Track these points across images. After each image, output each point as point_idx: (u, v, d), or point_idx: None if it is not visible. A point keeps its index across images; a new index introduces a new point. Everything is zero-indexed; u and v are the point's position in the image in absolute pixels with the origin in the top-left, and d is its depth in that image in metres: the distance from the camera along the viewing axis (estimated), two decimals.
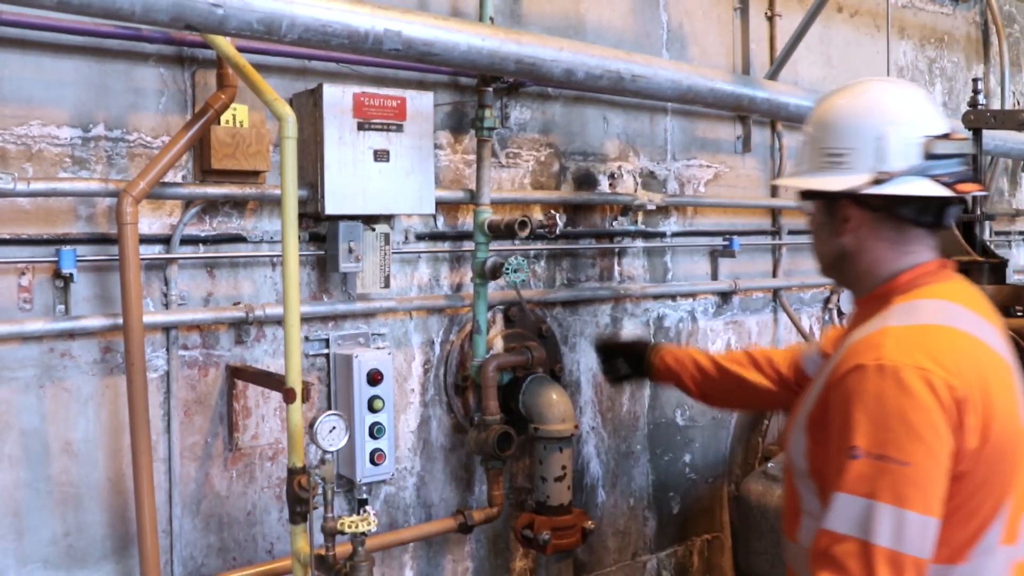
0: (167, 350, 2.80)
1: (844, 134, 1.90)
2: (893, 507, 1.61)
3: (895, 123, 1.87)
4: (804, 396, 1.94)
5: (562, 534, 3.30)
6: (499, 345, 3.44)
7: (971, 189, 1.89)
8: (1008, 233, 6.21)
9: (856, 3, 5.14)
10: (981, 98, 3.25)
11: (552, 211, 3.31)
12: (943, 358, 1.69)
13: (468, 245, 3.42)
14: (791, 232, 4.69)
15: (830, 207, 1.93)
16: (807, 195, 1.99)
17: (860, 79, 2.04)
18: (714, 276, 4.37)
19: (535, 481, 3.38)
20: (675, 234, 4.19)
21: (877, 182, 1.83)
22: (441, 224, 3.41)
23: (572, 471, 3.39)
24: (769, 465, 3.99)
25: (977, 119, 3.18)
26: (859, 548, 1.61)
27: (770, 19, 4.63)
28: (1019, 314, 2.98)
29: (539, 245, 3.64)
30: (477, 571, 3.55)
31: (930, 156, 1.84)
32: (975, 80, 3.28)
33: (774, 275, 4.67)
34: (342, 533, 2.40)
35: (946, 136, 1.87)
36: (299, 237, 2.82)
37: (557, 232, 3.16)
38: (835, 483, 1.67)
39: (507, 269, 3.23)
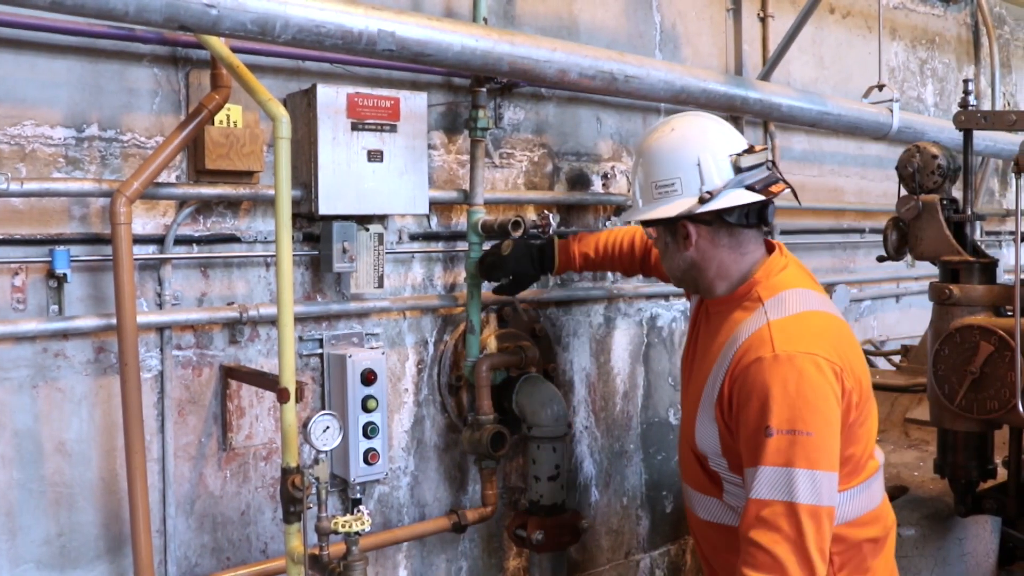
0: (161, 350, 2.80)
1: (669, 167, 2.27)
2: (807, 470, 1.96)
3: (706, 148, 2.25)
4: (696, 387, 2.27)
5: (555, 533, 3.30)
6: (493, 345, 3.45)
7: (779, 189, 2.26)
8: (998, 233, 6.23)
9: (848, 4, 5.16)
10: (971, 99, 3.25)
11: (545, 211, 3.32)
12: (820, 340, 2.10)
13: (462, 245, 3.42)
14: (784, 232, 4.70)
15: (672, 229, 2.31)
16: (648, 223, 2.37)
17: (666, 119, 2.41)
18: None
19: (528, 480, 3.39)
20: None
21: (703, 201, 2.20)
22: (435, 224, 3.41)
23: (566, 470, 3.40)
24: None
25: (967, 120, 3.19)
26: (785, 508, 1.95)
27: (763, 20, 4.64)
28: (1009, 313, 2.99)
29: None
30: (471, 570, 3.55)
31: (739, 169, 2.22)
32: (966, 81, 3.29)
33: None
34: (336, 533, 2.40)
35: (749, 150, 2.26)
36: (293, 237, 2.83)
37: (551, 232, 3.17)
38: (755, 459, 2.00)
39: None
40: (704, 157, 2.23)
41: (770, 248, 2.35)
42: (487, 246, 3.32)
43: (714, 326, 2.31)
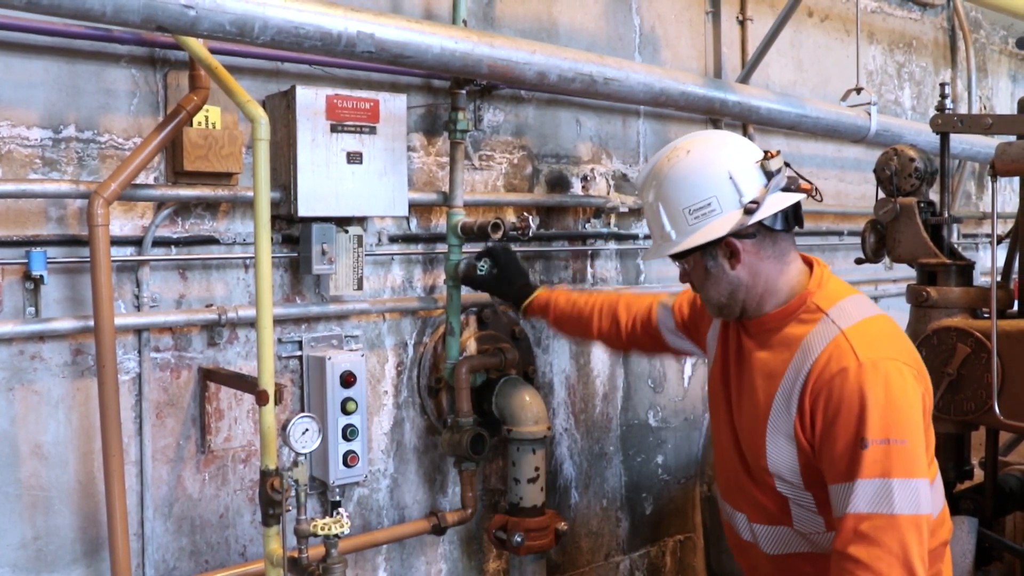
0: (139, 352, 2.78)
1: (699, 188, 2.12)
2: (904, 479, 1.90)
3: (732, 159, 2.13)
4: (756, 408, 2.16)
5: (535, 535, 3.31)
6: (472, 347, 3.45)
7: (808, 187, 2.18)
8: (975, 236, 6.28)
9: (827, 8, 5.19)
10: (948, 102, 3.28)
11: (525, 213, 3.32)
12: (894, 345, 2.08)
13: (441, 247, 3.42)
14: None
15: (712, 253, 2.16)
16: (679, 256, 2.21)
17: (667, 147, 2.26)
18: None
19: (508, 483, 3.39)
20: (648, 236, 4.21)
21: (749, 211, 2.08)
22: (414, 226, 3.41)
23: (545, 472, 3.40)
24: None
25: (944, 123, 3.22)
26: (887, 521, 1.88)
27: (741, 23, 4.66)
28: (985, 315, 3.02)
29: (512, 247, 3.64)
30: (451, 573, 3.55)
31: (770, 173, 2.11)
32: (942, 84, 3.32)
33: None
34: (315, 535, 2.40)
35: (766, 155, 2.14)
36: (272, 239, 2.82)
37: (530, 234, 3.17)
38: (851, 473, 1.93)
39: (480, 271, 3.23)
40: (735, 169, 2.11)
41: (805, 260, 2.27)
42: (467, 248, 3.32)
43: (767, 343, 2.19)
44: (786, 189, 2.12)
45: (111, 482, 2.57)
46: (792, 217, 2.16)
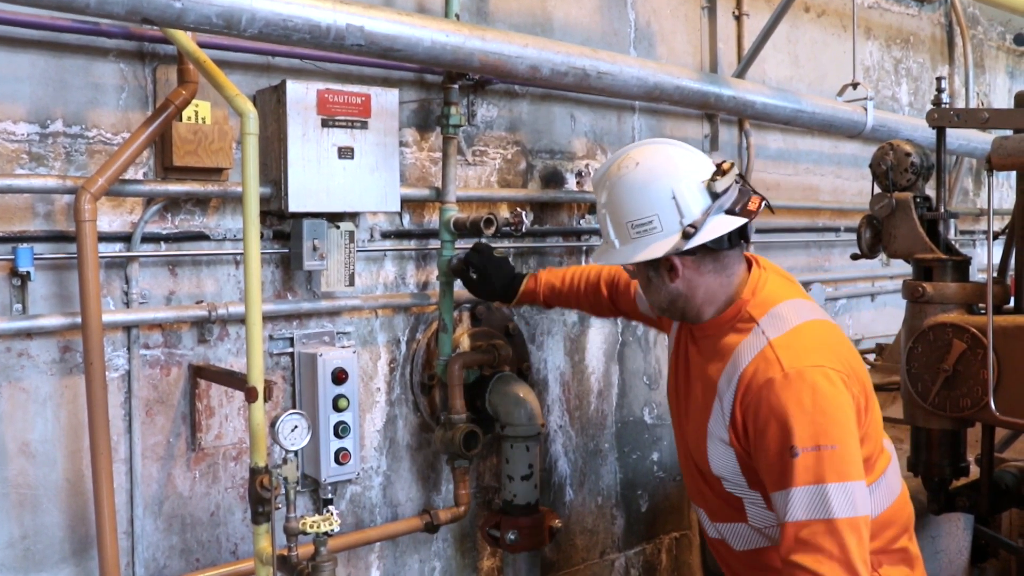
0: (128, 349, 2.76)
1: (642, 205, 2.14)
2: (840, 483, 1.92)
3: (678, 179, 2.13)
4: (697, 413, 2.23)
5: (529, 533, 3.28)
6: (466, 343, 3.43)
7: (756, 205, 2.15)
8: (972, 232, 6.26)
9: (823, 3, 5.16)
10: (945, 97, 3.25)
11: (518, 208, 3.30)
12: (823, 351, 2.08)
13: (434, 243, 3.40)
14: (759, 231, 4.70)
15: (654, 264, 2.20)
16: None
17: (622, 150, 2.26)
18: None
19: (502, 480, 3.37)
20: None
21: (688, 235, 2.10)
22: (407, 222, 3.39)
23: (539, 470, 3.38)
24: None
25: (941, 118, 3.18)
26: (825, 526, 1.91)
27: (738, 18, 4.64)
28: (982, 311, 2.99)
29: (506, 243, 3.62)
30: (444, 571, 3.53)
31: (716, 194, 2.12)
32: (939, 79, 3.29)
33: None
34: (305, 533, 2.37)
35: (719, 171, 2.14)
36: (263, 235, 2.81)
37: (523, 230, 3.15)
38: (785, 481, 1.95)
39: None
40: (679, 189, 2.12)
41: (747, 262, 2.30)
42: (460, 244, 3.29)
43: (706, 350, 2.24)
44: (730, 210, 2.12)
45: (99, 480, 2.55)
46: (737, 235, 2.18)
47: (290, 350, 3.08)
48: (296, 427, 2.43)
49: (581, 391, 3.96)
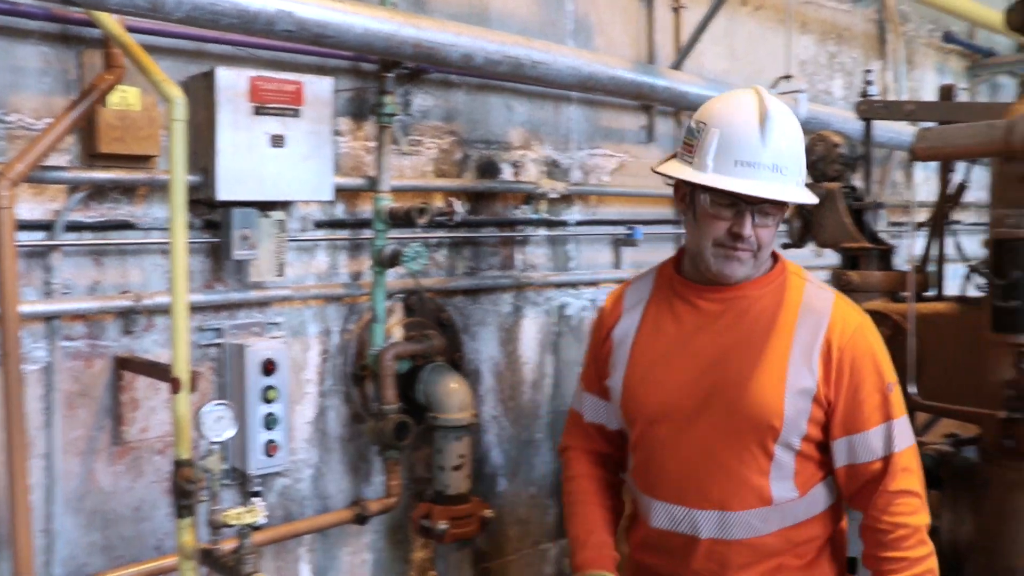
0: (49, 341, 2.69)
1: (795, 154, 2.02)
2: (905, 414, 2.09)
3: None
4: (762, 370, 2.02)
5: (460, 523, 3.29)
6: (398, 334, 3.40)
7: None
8: (902, 223, 6.37)
9: None
10: (874, 90, 3.31)
11: (451, 199, 3.28)
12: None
13: (368, 233, 3.37)
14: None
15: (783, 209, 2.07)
16: (781, 205, 2.03)
17: (768, 92, 2.06)
18: (617, 265, 4.39)
19: (434, 471, 3.36)
20: (578, 223, 4.19)
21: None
22: (341, 211, 3.35)
23: (471, 460, 3.38)
24: None
25: (868, 110, 3.25)
26: (914, 449, 2.07)
27: (676, 11, 4.65)
28: (905, 299, 3.05)
29: (440, 233, 3.60)
30: (376, 563, 3.51)
31: None
32: (867, 71, 3.35)
33: None
34: (228, 526, 2.34)
35: None
36: (192, 224, 2.75)
37: (457, 219, 3.14)
38: (886, 414, 2.04)
39: (406, 257, 3.19)
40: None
41: None
42: (393, 234, 3.27)
43: (751, 309, 2.06)
44: None
45: (14, 477, 2.48)
46: None
47: (219, 341, 3.03)
48: (221, 417, 2.39)
49: (515, 381, 3.96)
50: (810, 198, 2.04)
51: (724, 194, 1.95)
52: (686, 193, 2.05)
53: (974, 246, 3.25)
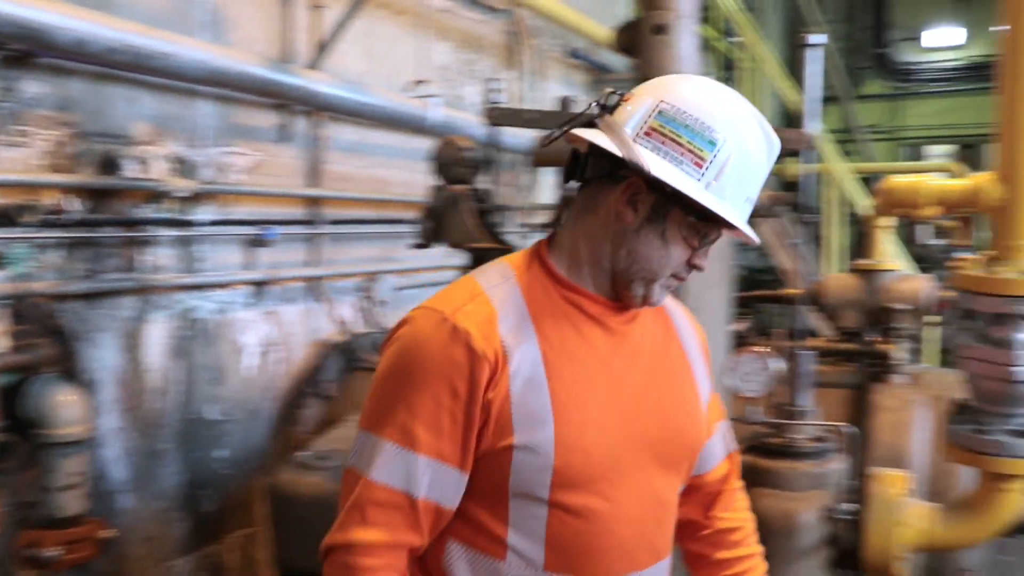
0: None
1: None
2: None
3: None
4: (685, 390, 1.82)
5: (75, 548, 3.05)
6: (4, 344, 3.09)
7: None
8: (529, 224, 6.74)
9: (401, 2, 5.28)
10: (502, 97, 3.49)
11: (61, 196, 3.03)
12: None
13: None
14: (334, 222, 4.72)
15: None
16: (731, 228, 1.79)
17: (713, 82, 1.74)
18: (250, 266, 4.27)
19: (43, 493, 3.09)
20: (210, 223, 4.03)
21: None
22: None
23: (87, 478, 3.14)
24: (300, 454, 3.96)
25: (494, 116, 3.42)
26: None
27: (316, 10, 4.60)
28: None
29: (54, 233, 3.31)
30: None
31: None
32: (492, 79, 3.53)
33: (313, 264, 4.67)
34: None
35: None
36: None
37: (67, 219, 2.90)
38: (723, 415, 1.96)
39: (9, 259, 2.90)
40: None
41: None
42: None
43: (643, 327, 1.77)
44: None
45: None
46: None
47: None
48: None
49: (139, 390, 3.72)
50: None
51: (715, 226, 1.63)
52: (656, 201, 1.60)
53: None
